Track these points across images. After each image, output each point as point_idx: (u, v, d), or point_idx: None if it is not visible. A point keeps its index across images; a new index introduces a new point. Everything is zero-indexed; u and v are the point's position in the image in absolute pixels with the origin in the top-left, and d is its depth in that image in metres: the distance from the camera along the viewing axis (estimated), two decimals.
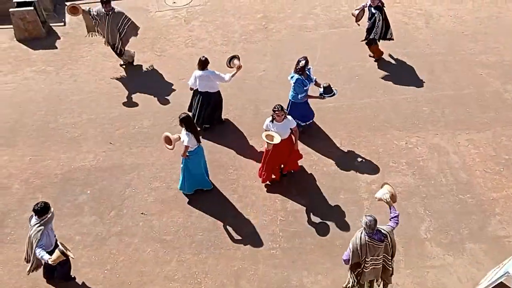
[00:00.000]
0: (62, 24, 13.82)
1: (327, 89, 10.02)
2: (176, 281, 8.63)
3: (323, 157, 10.35)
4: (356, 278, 7.56)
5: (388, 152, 10.35)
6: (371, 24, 11.54)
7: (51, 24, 13.77)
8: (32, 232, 7.66)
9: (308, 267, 8.71)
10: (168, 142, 9.11)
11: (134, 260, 8.92)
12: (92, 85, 12.17)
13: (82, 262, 8.84)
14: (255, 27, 13.49)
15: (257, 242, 9.08)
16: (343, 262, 7.61)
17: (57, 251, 7.50)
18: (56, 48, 13.21)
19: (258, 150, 10.42)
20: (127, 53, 12.22)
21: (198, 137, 9.14)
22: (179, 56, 12.82)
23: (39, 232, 7.61)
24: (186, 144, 8.99)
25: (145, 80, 12.23)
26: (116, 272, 8.77)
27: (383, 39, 11.86)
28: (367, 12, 11.68)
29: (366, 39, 11.88)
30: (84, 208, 9.71)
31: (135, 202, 9.77)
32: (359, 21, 11.74)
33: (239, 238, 9.17)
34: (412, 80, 11.78)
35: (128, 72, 12.43)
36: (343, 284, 7.85)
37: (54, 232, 8.04)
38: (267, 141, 9.05)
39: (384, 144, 10.50)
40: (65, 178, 10.22)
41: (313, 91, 10.24)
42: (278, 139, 9.03)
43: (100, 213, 9.62)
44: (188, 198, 9.73)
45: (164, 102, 11.62)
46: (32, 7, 13.09)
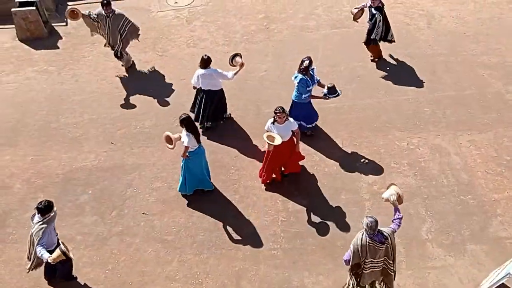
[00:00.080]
0: (64, 24, 13.84)
1: (332, 89, 10.02)
2: (177, 281, 8.63)
3: (324, 157, 10.35)
4: (356, 280, 7.56)
5: (389, 153, 10.34)
6: (372, 25, 11.54)
7: (53, 24, 13.79)
8: (34, 230, 7.67)
9: (309, 268, 8.70)
10: (169, 141, 9.11)
11: (135, 260, 8.93)
12: (94, 85, 12.19)
13: (83, 262, 8.84)
14: (256, 28, 13.49)
15: (258, 242, 9.08)
16: (344, 262, 7.61)
17: (57, 250, 7.50)
18: (58, 48, 13.23)
19: (259, 151, 10.41)
20: (125, 57, 12.16)
21: (198, 137, 9.14)
22: (181, 56, 12.83)
23: (41, 230, 7.61)
24: (186, 144, 8.99)
25: (146, 80, 12.25)
26: (118, 272, 8.77)
27: (383, 40, 11.86)
28: (367, 13, 11.68)
29: (367, 42, 11.88)
30: (85, 208, 9.72)
31: (136, 202, 9.77)
32: (357, 20, 11.74)
33: (240, 238, 9.16)
34: (413, 81, 11.77)
35: (130, 72, 12.44)
36: (343, 285, 7.85)
37: (56, 231, 8.05)
38: (268, 142, 9.05)
39: (385, 145, 10.49)
40: (66, 178, 10.23)
41: (315, 91, 10.22)
42: (279, 141, 9.03)
43: (101, 213, 9.63)
44: (190, 199, 9.73)
45: (166, 102, 11.63)
46: (34, 7, 13.12)
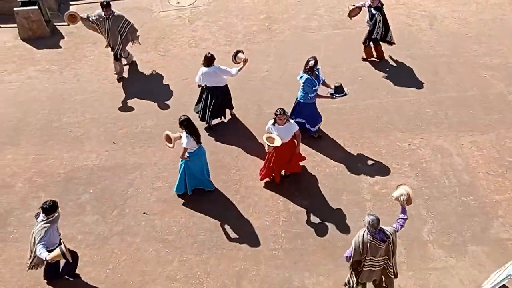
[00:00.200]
0: (66, 23, 13.79)
1: (339, 88, 9.96)
2: (178, 281, 8.63)
3: (325, 158, 10.34)
4: (356, 277, 7.56)
5: (391, 154, 10.33)
6: (372, 26, 11.53)
7: (55, 24, 13.79)
8: (36, 229, 7.68)
9: (310, 268, 8.70)
10: (169, 140, 9.14)
11: (136, 259, 8.93)
12: (96, 84, 12.20)
13: (84, 261, 8.84)
14: (258, 28, 13.49)
15: (259, 242, 9.08)
16: (345, 259, 7.62)
17: (57, 250, 7.47)
18: (60, 47, 13.24)
19: (260, 151, 10.40)
20: (124, 58, 12.13)
21: (198, 138, 9.14)
22: (183, 56, 12.84)
23: (44, 229, 7.62)
24: (185, 146, 8.99)
25: (148, 80, 12.26)
26: (118, 272, 8.78)
27: (382, 40, 11.85)
28: (363, 13, 11.65)
29: (369, 41, 11.87)
30: (86, 207, 9.73)
31: (138, 201, 9.78)
32: (351, 16, 11.70)
33: (241, 238, 9.16)
34: (415, 82, 11.76)
35: (131, 71, 12.45)
36: (344, 282, 7.85)
37: (59, 231, 8.05)
38: (267, 143, 9.04)
39: (387, 146, 10.48)
40: (68, 177, 10.24)
41: (319, 91, 10.17)
42: (278, 142, 9.00)
43: (102, 212, 9.63)
44: (190, 199, 9.73)
45: (167, 102, 11.63)
46: (37, 6, 13.11)
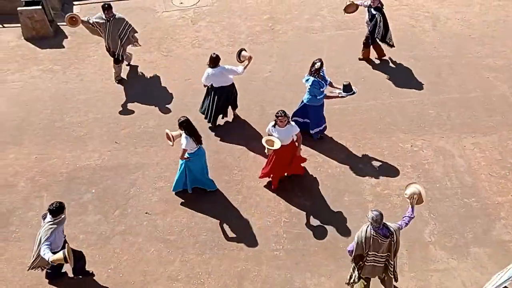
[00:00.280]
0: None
1: (348, 87, 9.92)
2: (179, 281, 8.64)
3: (328, 159, 10.33)
4: (358, 272, 7.57)
5: (393, 155, 10.31)
6: (373, 26, 11.52)
7: (58, 23, 13.82)
8: (43, 229, 7.70)
9: (312, 269, 8.70)
10: (169, 138, 9.20)
11: (138, 259, 8.94)
12: (99, 84, 12.22)
13: (86, 261, 8.80)
14: (261, 28, 13.50)
15: (260, 243, 9.08)
16: (348, 253, 7.65)
17: (61, 253, 7.44)
18: (63, 47, 13.27)
19: (263, 152, 10.37)
20: (125, 60, 12.15)
21: (199, 139, 9.15)
22: (186, 56, 12.85)
23: (50, 230, 7.64)
24: (184, 147, 9.01)
25: (151, 80, 12.27)
26: (120, 271, 8.79)
27: (381, 41, 11.84)
28: (366, 14, 11.64)
29: (371, 42, 11.86)
30: (88, 207, 9.74)
31: (140, 201, 9.79)
32: (348, 12, 11.62)
33: (242, 239, 9.16)
34: (418, 83, 11.74)
35: (134, 71, 12.47)
36: (347, 278, 7.87)
37: (64, 233, 8.06)
38: (267, 146, 9.03)
39: (389, 147, 10.47)
40: (70, 176, 10.26)
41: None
42: (278, 145, 8.98)
43: (104, 212, 9.65)
44: (192, 199, 9.73)
45: (170, 102, 11.64)
46: (40, 6, 13.14)
